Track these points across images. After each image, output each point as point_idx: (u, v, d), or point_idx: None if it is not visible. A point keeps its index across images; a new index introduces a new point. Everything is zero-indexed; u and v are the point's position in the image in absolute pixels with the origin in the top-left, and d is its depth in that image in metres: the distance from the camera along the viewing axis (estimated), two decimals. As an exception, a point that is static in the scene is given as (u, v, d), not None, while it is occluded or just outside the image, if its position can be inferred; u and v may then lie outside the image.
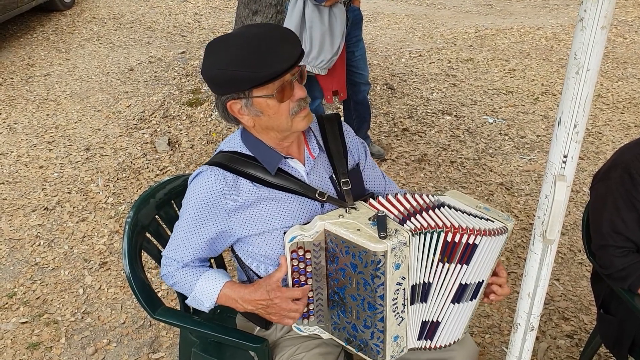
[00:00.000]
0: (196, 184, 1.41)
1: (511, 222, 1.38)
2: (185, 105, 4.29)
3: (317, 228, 1.33)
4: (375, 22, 6.86)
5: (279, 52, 1.28)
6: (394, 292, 1.29)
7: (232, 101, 1.35)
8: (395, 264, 1.27)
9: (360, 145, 1.59)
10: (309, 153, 1.48)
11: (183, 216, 1.44)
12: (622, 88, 4.93)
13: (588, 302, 2.60)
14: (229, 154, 1.43)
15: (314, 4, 3.01)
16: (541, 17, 7.13)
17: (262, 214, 1.40)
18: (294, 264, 1.37)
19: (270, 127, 1.38)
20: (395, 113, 4.37)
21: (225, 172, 1.39)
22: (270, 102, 1.33)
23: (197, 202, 1.40)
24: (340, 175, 1.47)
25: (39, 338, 2.42)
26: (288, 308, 1.37)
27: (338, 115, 1.58)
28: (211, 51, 1.34)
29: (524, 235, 3.05)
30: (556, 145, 1.03)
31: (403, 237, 1.26)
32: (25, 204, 3.29)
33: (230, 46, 1.31)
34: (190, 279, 1.45)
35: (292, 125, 1.37)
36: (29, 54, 5.57)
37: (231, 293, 1.41)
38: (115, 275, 2.77)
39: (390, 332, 1.33)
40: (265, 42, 1.29)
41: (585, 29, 0.93)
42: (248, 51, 1.28)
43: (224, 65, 1.29)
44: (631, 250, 1.63)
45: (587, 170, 3.69)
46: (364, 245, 1.25)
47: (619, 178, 1.64)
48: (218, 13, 6.95)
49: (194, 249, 1.44)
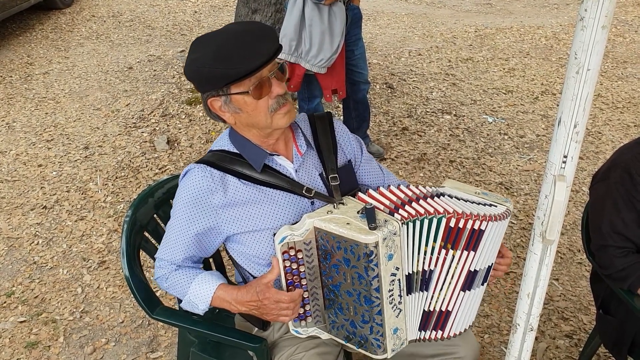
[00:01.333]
0: (184, 182, 1.42)
1: (509, 202, 1.40)
2: (184, 104, 4.28)
3: (306, 226, 1.33)
4: (374, 20, 6.85)
5: (254, 48, 1.29)
6: (389, 283, 1.29)
7: (213, 98, 1.37)
8: (388, 255, 1.27)
9: (355, 141, 1.59)
10: (297, 150, 1.48)
11: (173, 215, 1.45)
12: (621, 88, 4.93)
13: (587, 302, 2.60)
14: (216, 153, 1.44)
15: (314, 2, 3.01)
16: (541, 16, 7.13)
17: (251, 213, 1.40)
18: (286, 264, 1.36)
19: (250, 124, 1.40)
20: (395, 112, 4.36)
21: (212, 170, 1.40)
22: (247, 99, 1.34)
23: (185, 200, 1.40)
24: (329, 171, 1.47)
25: (37, 337, 2.41)
26: (278, 307, 1.36)
27: (330, 113, 1.59)
28: (191, 50, 1.36)
29: (524, 235, 3.05)
30: (556, 145, 1.02)
31: (393, 227, 1.26)
32: (23, 202, 3.28)
33: (208, 44, 1.33)
34: (183, 281, 1.45)
35: (272, 122, 1.37)
36: (28, 52, 5.56)
37: (224, 295, 1.41)
38: (113, 274, 2.76)
39: (389, 325, 1.32)
40: (241, 38, 1.30)
41: (585, 28, 0.93)
42: (225, 48, 1.29)
43: (200, 63, 1.31)
44: (631, 251, 1.63)
45: (586, 170, 3.68)
46: (354, 238, 1.25)
47: (619, 178, 1.63)
48: (217, 11, 6.94)
49: (184, 247, 1.44)
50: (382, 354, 1.35)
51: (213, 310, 1.81)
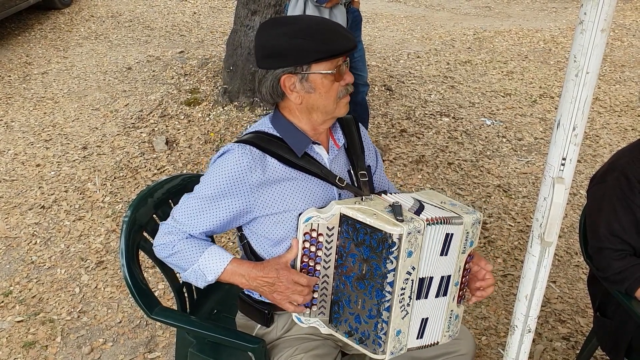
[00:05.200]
0: (224, 160, 1.41)
1: (473, 214, 1.38)
2: (183, 105, 4.29)
3: (333, 211, 1.35)
4: (373, 23, 6.86)
5: (343, 34, 1.38)
6: (403, 281, 1.30)
7: (287, 75, 1.38)
8: (409, 251, 1.28)
9: (373, 150, 1.66)
10: (334, 143, 1.52)
11: (203, 188, 1.42)
12: (619, 91, 4.94)
13: (585, 304, 2.61)
14: (255, 134, 1.46)
15: (315, 5, 3.01)
16: (539, 19, 7.15)
17: (284, 193, 1.41)
18: (305, 246, 1.38)
19: (315, 108, 1.42)
20: (393, 114, 4.37)
21: (252, 148, 1.40)
22: (325, 80, 1.38)
23: (224, 177, 1.39)
24: (358, 168, 1.52)
25: (35, 337, 2.41)
26: (293, 288, 1.36)
27: (355, 117, 1.64)
28: (274, 24, 1.39)
29: (521, 238, 3.06)
30: (555, 148, 1.03)
31: (419, 224, 1.28)
32: (21, 202, 3.28)
33: (297, 21, 1.38)
34: (194, 250, 1.42)
35: (336, 108, 1.43)
36: (27, 52, 5.55)
37: (238, 269, 1.40)
38: (111, 274, 2.76)
39: (394, 325, 1.33)
40: (328, 24, 1.39)
41: (585, 31, 0.93)
42: (317, 26, 1.36)
43: (292, 34, 1.34)
44: (628, 253, 1.64)
45: (584, 173, 3.70)
46: (380, 227, 1.26)
47: (616, 181, 1.64)
48: (217, 12, 6.95)
49: (208, 222, 1.42)
50: (381, 354, 1.35)
51: (212, 310, 1.82)
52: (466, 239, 1.38)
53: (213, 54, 5.27)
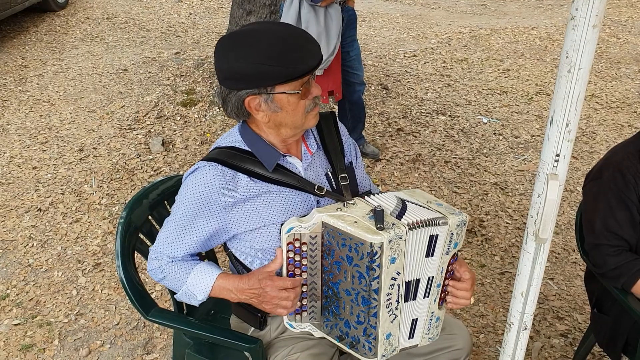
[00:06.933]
0: (193, 179, 1.39)
1: (458, 215, 1.36)
2: (179, 106, 4.28)
3: (314, 220, 1.33)
4: (369, 22, 6.86)
5: (307, 49, 1.31)
6: (389, 287, 1.29)
7: (252, 97, 1.34)
8: (391, 258, 1.27)
9: (352, 145, 1.61)
10: (307, 149, 1.49)
11: (178, 211, 1.42)
12: (615, 88, 4.95)
13: (582, 301, 2.61)
14: (226, 150, 1.43)
15: (310, 4, 3.01)
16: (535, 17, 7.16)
17: (259, 208, 1.40)
18: (290, 256, 1.37)
19: (283, 124, 1.38)
20: (390, 113, 4.37)
21: (223, 168, 1.38)
22: (291, 98, 1.34)
23: (194, 198, 1.38)
24: (338, 171, 1.49)
25: (32, 340, 2.40)
26: (279, 296, 1.36)
27: (333, 113, 1.60)
28: (237, 44, 1.31)
29: (518, 235, 3.06)
30: (548, 144, 1.03)
31: (400, 230, 1.27)
32: (18, 205, 3.27)
33: (261, 41, 1.29)
34: (181, 272, 1.44)
35: (305, 122, 1.39)
36: (23, 55, 5.54)
37: (225, 284, 1.41)
38: (108, 276, 2.75)
39: (382, 329, 1.33)
40: (294, 39, 1.31)
41: (576, 27, 0.93)
42: (282, 47, 1.28)
43: (256, 59, 1.27)
44: (624, 249, 1.64)
45: (580, 170, 3.70)
46: (360, 236, 1.25)
47: (612, 177, 1.64)
48: (212, 13, 6.94)
49: (187, 245, 1.43)
50: (372, 358, 1.35)
51: (208, 311, 1.81)
52: (450, 240, 1.36)
53: (209, 55, 5.27)
